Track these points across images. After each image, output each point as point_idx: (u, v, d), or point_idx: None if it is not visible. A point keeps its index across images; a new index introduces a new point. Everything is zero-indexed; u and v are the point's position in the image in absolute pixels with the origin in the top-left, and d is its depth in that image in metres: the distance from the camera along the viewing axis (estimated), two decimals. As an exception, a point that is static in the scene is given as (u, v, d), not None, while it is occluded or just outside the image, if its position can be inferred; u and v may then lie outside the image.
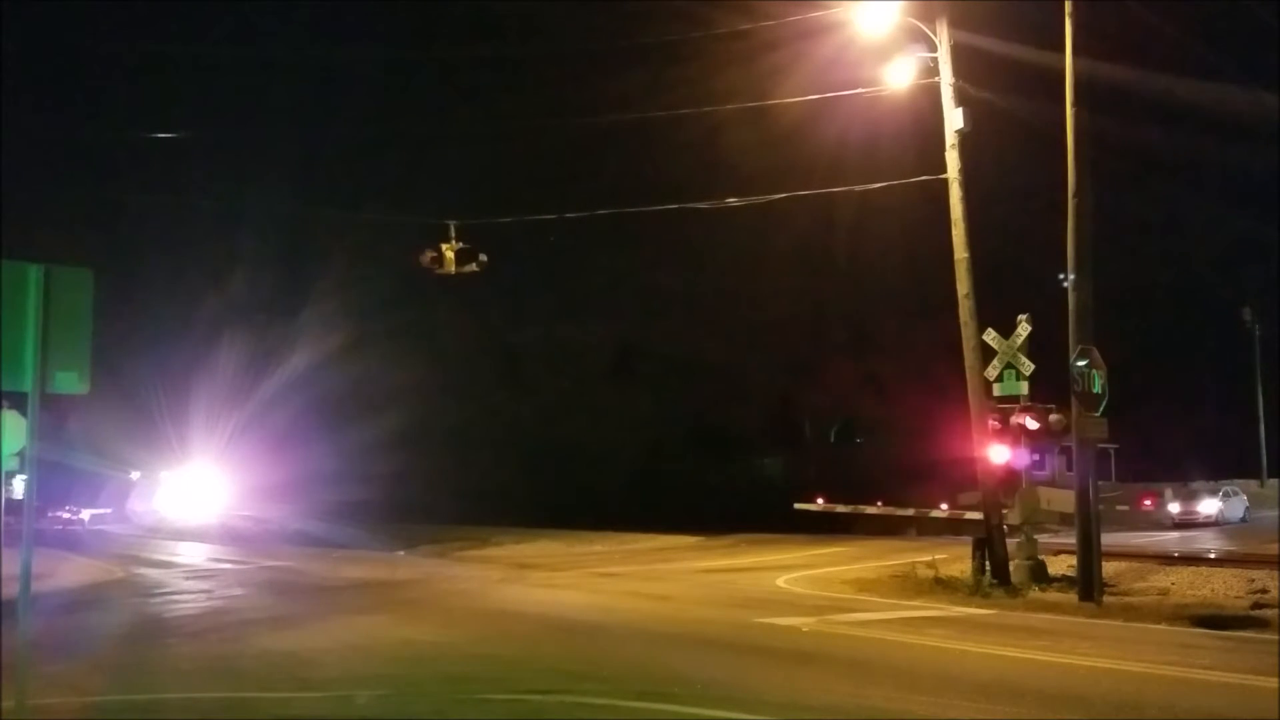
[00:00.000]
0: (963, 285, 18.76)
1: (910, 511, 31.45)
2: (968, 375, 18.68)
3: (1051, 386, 18.37)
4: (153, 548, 31.85)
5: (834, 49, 19.50)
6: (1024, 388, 18.41)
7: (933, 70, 18.90)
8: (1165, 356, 49.76)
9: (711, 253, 42.72)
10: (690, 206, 26.12)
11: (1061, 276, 17.89)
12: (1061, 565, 18.95)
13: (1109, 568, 17.79)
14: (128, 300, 40.74)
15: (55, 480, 35.47)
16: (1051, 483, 32.04)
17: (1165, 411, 47.33)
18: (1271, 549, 22.78)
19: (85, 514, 41.22)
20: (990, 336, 18.70)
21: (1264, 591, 16.55)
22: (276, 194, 45.53)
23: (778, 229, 37.36)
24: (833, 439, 49.62)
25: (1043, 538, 20.37)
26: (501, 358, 48.25)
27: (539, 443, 45.48)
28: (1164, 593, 17.23)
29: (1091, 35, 17.03)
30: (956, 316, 18.92)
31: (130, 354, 41.33)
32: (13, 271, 8.10)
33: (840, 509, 33.33)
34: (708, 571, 22.87)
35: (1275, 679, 9.97)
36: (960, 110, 18.53)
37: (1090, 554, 16.02)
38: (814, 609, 15.73)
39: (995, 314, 19.06)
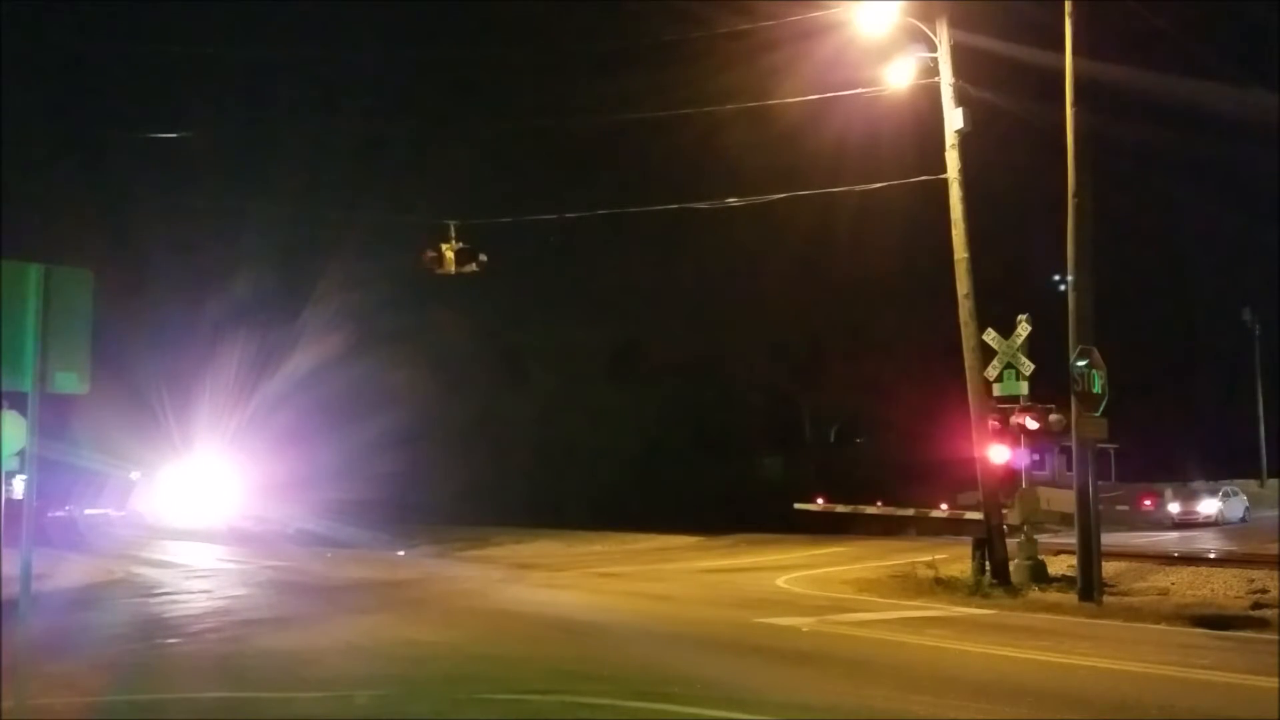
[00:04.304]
0: (963, 285, 18.77)
1: (910, 511, 31.47)
2: (968, 375, 18.69)
3: (1051, 386, 18.38)
4: (153, 548, 31.84)
5: (834, 49, 19.50)
6: (1024, 388, 18.42)
7: (933, 70, 18.90)
8: (1165, 357, 49.77)
9: (711, 253, 42.68)
10: (690, 206, 26.12)
11: (1056, 278, 17.92)
12: (1061, 565, 18.95)
13: (1109, 568, 17.79)
14: (131, 299, 40.72)
15: (58, 479, 35.50)
16: (1051, 483, 32.11)
17: (1165, 411, 47.32)
18: (1271, 549, 22.78)
19: (124, 511, 41.98)
20: (990, 336, 18.70)
21: (1264, 591, 16.56)
22: (278, 194, 45.49)
23: (778, 229, 37.36)
24: (833, 439, 49.59)
25: (1043, 538, 20.37)
26: (501, 358, 48.19)
27: (539, 443, 45.45)
28: (1164, 593, 17.23)
29: (1091, 35, 17.03)
30: (956, 316, 18.93)
31: (134, 353, 41.35)
32: (13, 271, 8.11)
33: (840, 509, 33.34)
34: (708, 571, 22.88)
35: (1275, 679, 9.98)
36: (960, 110, 18.54)
37: (1090, 554, 16.03)
38: (814, 609, 15.74)
39: (995, 314, 19.08)
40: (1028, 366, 18.38)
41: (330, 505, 38.48)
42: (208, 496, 44.27)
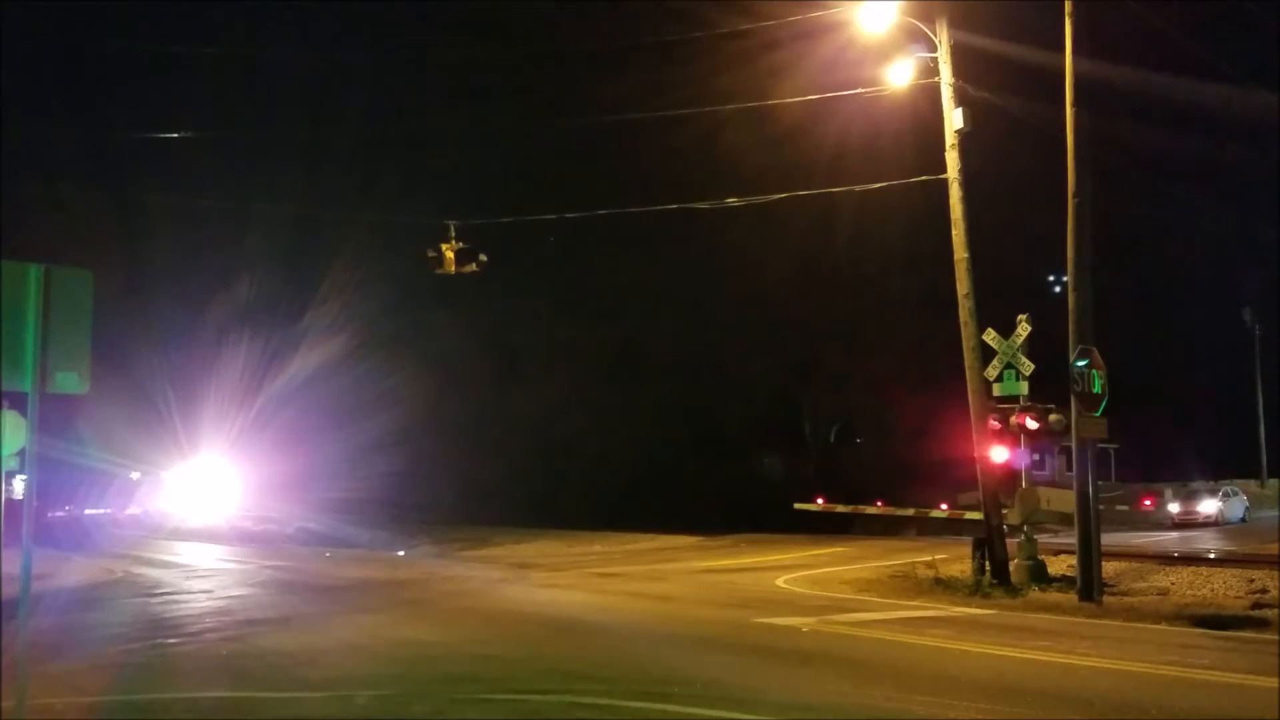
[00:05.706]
0: (963, 285, 18.78)
1: (910, 511, 31.57)
2: (968, 375, 18.70)
3: (1051, 386, 18.38)
4: (154, 548, 31.87)
5: (834, 49, 19.54)
6: (1024, 388, 18.43)
7: (933, 70, 18.92)
8: (1165, 356, 49.74)
9: (711, 253, 42.62)
10: (690, 206, 26.12)
11: (1052, 279, 17.95)
12: (1061, 565, 18.97)
13: (1109, 568, 17.80)
14: (134, 300, 40.79)
15: (60, 479, 35.58)
16: (1051, 483, 32.09)
17: (1165, 411, 47.32)
18: (1271, 549, 22.80)
19: (134, 509, 42.34)
20: (990, 336, 18.72)
21: (1264, 591, 16.57)
22: (281, 195, 45.55)
23: (778, 229, 37.36)
24: (833, 439, 49.57)
25: (1043, 538, 20.38)
26: (501, 358, 48.18)
27: (539, 443, 45.43)
28: (1164, 593, 17.24)
29: (1091, 35, 17.04)
30: (956, 316, 18.94)
31: (138, 353, 41.43)
32: (13, 271, 8.12)
33: (840, 509, 33.43)
34: (708, 571, 22.89)
35: (1275, 679, 9.99)
36: (960, 110, 18.55)
37: (1090, 554, 16.04)
38: (814, 609, 15.75)
39: (995, 314, 19.08)
40: (1028, 366, 18.38)
41: (331, 504, 38.56)
42: (210, 496, 44.35)
